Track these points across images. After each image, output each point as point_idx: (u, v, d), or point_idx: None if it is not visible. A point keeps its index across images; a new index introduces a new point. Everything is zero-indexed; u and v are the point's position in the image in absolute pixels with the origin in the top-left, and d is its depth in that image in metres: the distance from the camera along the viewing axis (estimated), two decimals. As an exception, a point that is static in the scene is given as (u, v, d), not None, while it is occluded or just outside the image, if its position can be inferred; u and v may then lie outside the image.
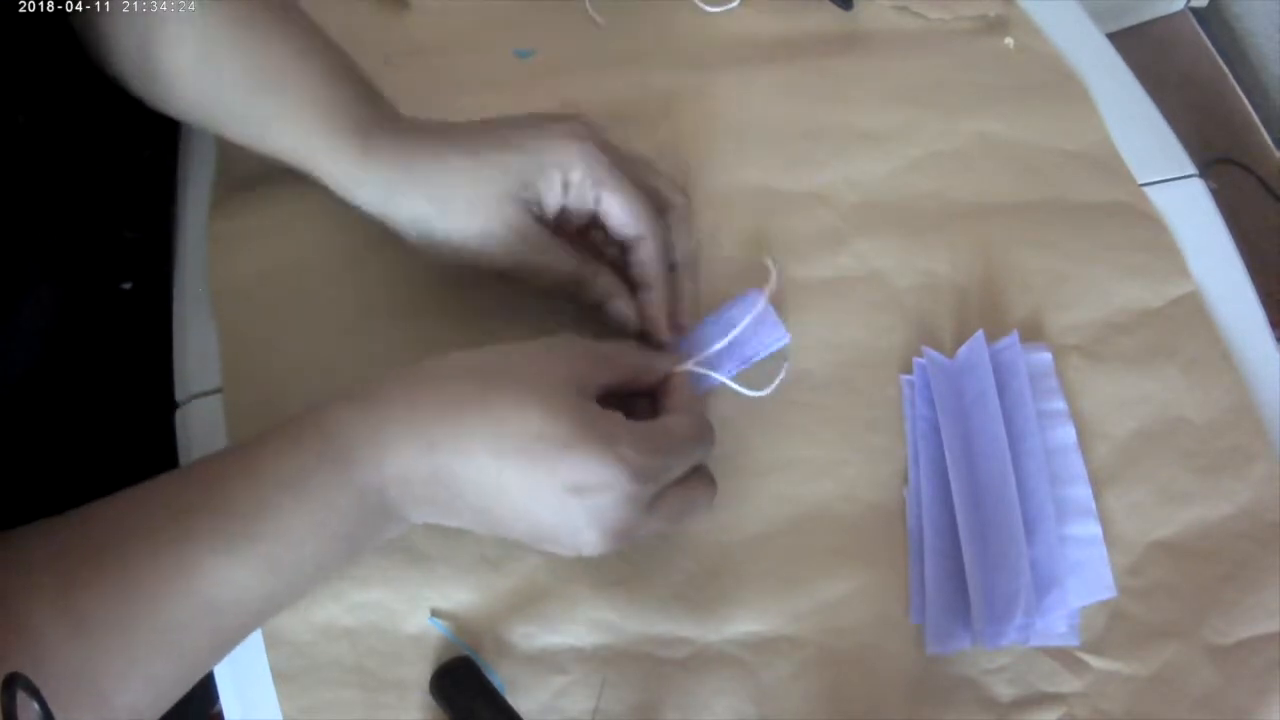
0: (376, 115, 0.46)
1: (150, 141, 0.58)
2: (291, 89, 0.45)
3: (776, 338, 0.48)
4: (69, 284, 0.48)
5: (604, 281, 0.45)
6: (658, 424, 0.40)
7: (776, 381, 0.45)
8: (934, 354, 0.49)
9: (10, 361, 0.44)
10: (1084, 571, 0.45)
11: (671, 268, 0.47)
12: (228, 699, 0.43)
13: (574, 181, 0.44)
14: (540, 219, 0.45)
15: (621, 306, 0.45)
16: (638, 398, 0.44)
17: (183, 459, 0.47)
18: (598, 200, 0.44)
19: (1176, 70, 0.95)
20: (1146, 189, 0.56)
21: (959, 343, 0.50)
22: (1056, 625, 0.45)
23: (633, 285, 0.46)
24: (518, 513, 0.38)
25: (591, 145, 0.44)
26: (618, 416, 0.39)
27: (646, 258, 0.45)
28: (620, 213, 0.44)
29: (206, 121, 0.48)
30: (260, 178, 0.53)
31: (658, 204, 0.46)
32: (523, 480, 0.37)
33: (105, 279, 0.54)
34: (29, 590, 0.34)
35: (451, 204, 0.44)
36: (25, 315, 0.45)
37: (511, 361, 0.39)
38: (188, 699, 0.38)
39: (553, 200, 0.44)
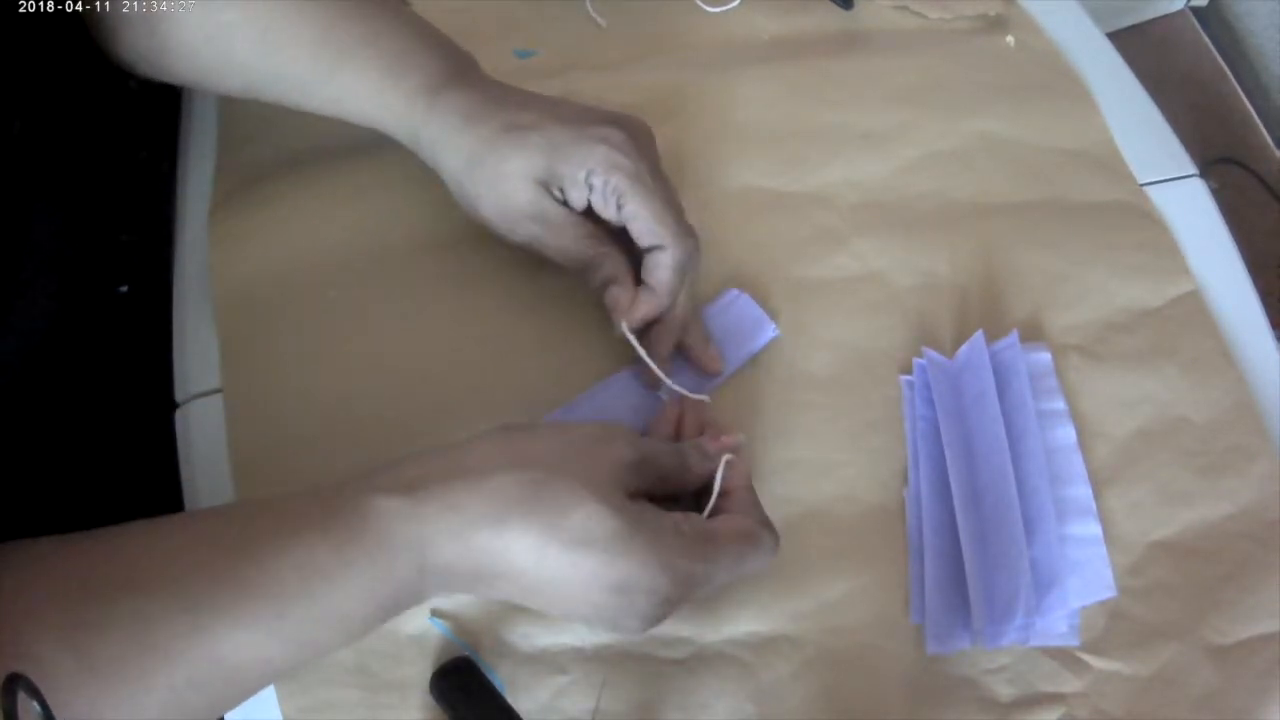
0: (451, 70, 0.47)
1: (146, 143, 0.58)
2: (369, 58, 0.46)
3: (765, 333, 0.49)
4: (65, 288, 0.48)
5: (609, 267, 0.45)
6: (708, 530, 0.39)
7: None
8: (934, 354, 0.49)
9: (7, 365, 0.44)
10: (1084, 571, 0.45)
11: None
12: (228, 699, 0.43)
13: (596, 186, 0.44)
14: (565, 204, 0.46)
15: (617, 292, 0.45)
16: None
17: (183, 459, 0.47)
18: (620, 209, 0.45)
19: (1176, 70, 0.95)
20: (1147, 189, 0.56)
21: (959, 343, 0.50)
22: (1056, 625, 0.45)
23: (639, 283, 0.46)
24: (557, 600, 0.38)
25: (616, 154, 0.44)
26: (665, 517, 0.39)
27: (659, 264, 0.45)
28: (640, 222, 0.45)
29: (263, 93, 0.49)
30: (260, 178, 0.53)
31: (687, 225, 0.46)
32: (567, 579, 0.37)
33: (102, 282, 0.54)
34: (33, 622, 0.33)
35: (479, 170, 0.45)
36: (21, 319, 0.45)
37: (561, 457, 0.39)
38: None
39: (577, 195, 0.45)
